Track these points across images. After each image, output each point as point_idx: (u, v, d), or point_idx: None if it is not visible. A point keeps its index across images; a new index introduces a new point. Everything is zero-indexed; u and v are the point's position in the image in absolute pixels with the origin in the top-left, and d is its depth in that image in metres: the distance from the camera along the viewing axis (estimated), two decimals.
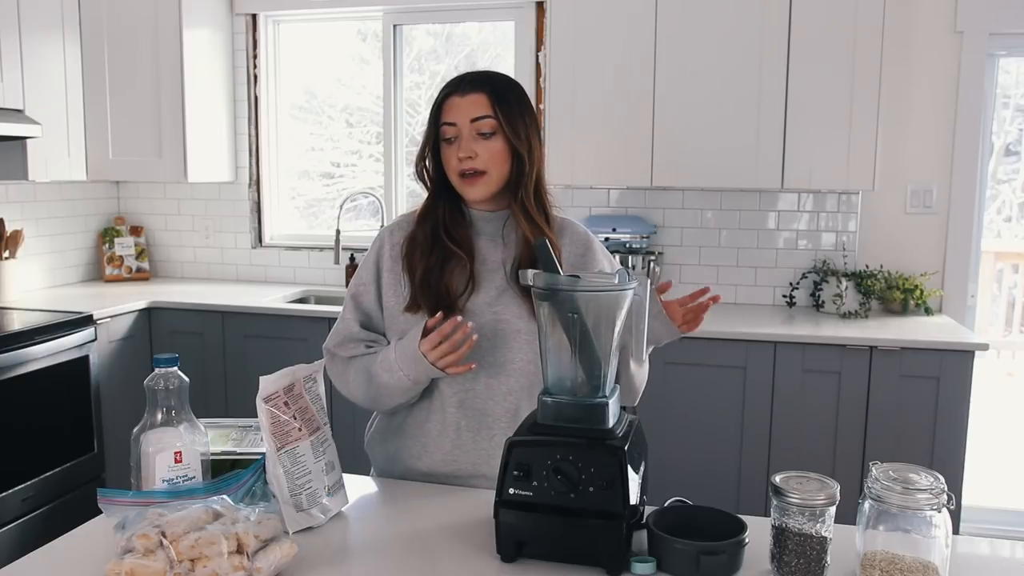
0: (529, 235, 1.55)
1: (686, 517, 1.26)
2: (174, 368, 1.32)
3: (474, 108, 1.52)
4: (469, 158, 1.52)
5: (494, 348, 1.55)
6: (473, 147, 1.52)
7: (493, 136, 1.52)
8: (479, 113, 1.52)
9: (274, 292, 3.72)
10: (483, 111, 1.52)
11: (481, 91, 1.53)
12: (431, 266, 1.56)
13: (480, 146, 1.52)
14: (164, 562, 1.07)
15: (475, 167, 1.53)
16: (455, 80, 1.56)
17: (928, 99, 3.29)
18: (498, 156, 1.53)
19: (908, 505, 1.11)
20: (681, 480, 2.93)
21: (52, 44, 3.38)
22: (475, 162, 1.52)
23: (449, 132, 1.54)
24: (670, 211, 3.54)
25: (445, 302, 1.54)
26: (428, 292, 1.55)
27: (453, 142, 1.54)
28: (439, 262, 1.56)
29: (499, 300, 1.56)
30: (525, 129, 1.55)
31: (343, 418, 3.07)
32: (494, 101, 1.52)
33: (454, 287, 1.55)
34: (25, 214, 3.65)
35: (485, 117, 1.52)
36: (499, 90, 1.54)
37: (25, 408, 2.86)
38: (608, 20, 3.14)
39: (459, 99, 1.53)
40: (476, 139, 1.52)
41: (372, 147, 4.04)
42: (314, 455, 1.35)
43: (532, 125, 1.57)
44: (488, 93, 1.53)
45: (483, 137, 1.52)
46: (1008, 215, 3.72)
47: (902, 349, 2.82)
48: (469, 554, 1.25)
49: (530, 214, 1.57)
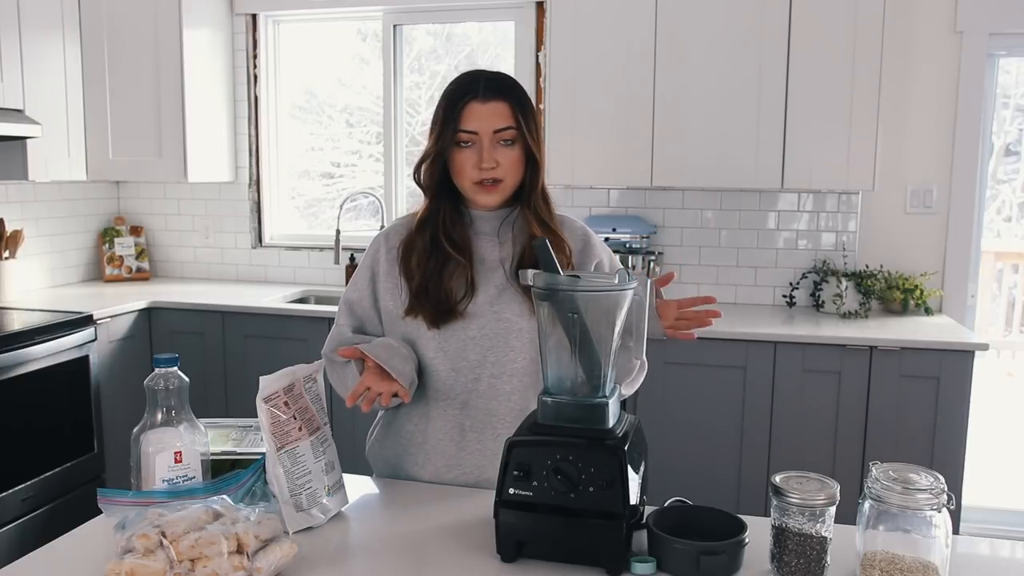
0: (539, 233, 1.55)
1: (686, 517, 1.26)
2: (174, 368, 1.32)
3: (497, 119, 1.50)
4: (492, 168, 1.51)
5: (496, 347, 1.54)
6: (496, 156, 1.51)
7: (513, 144, 1.52)
8: (503, 124, 1.50)
9: (274, 292, 3.72)
10: (507, 122, 1.50)
11: (503, 100, 1.51)
12: (429, 273, 1.55)
13: (500, 154, 1.51)
14: (164, 562, 1.07)
15: (496, 176, 1.52)
16: (470, 82, 1.53)
17: (928, 99, 3.29)
18: (516, 164, 1.53)
19: (908, 505, 1.11)
20: (681, 480, 2.93)
21: (52, 44, 3.38)
22: (496, 171, 1.52)
23: (467, 139, 1.51)
24: (670, 211, 3.54)
25: (445, 307, 1.54)
26: (426, 299, 1.55)
27: (469, 147, 1.52)
28: (437, 268, 1.55)
29: (499, 299, 1.55)
30: (537, 134, 1.56)
31: (343, 418, 3.07)
32: (517, 111, 1.51)
33: (453, 292, 1.55)
34: (25, 214, 3.65)
35: (508, 128, 1.51)
36: (519, 99, 1.53)
37: (25, 408, 2.86)
38: (608, 20, 3.14)
39: (480, 106, 1.50)
40: (496, 148, 1.51)
41: (372, 147, 4.05)
42: (314, 455, 1.35)
43: (539, 130, 1.58)
44: (510, 102, 1.51)
45: (503, 145, 1.51)
46: (1008, 215, 3.72)
47: (902, 349, 2.82)
48: (469, 554, 1.25)
49: (540, 214, 1.57)
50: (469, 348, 1.54)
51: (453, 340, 1.54)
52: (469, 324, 1.54)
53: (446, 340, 1.55)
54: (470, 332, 1.54)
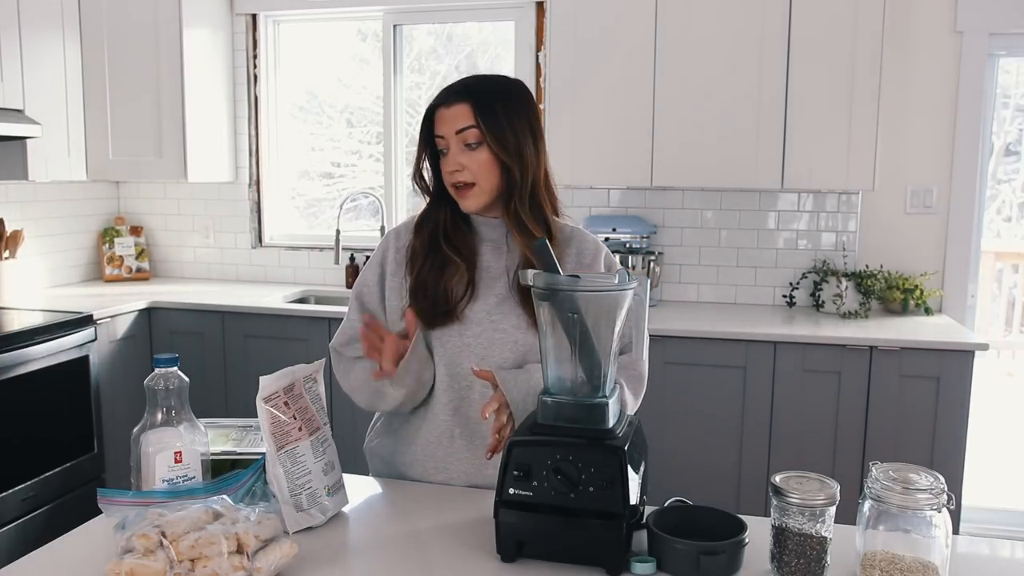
0: (522, 246, 1.53)
1: (686, 517, 1.26)
2: (174, 368, 1.32)
3: (458, 120, 1.50)
4: (457, 171, 1.51)
5: (491, 356, 1.53)
6: (460, 159, 1.50)
7: (479, 147, 1.50)
8: (462, 124, 1.49)
9: (274, 292, 3.72)
10: (466, 122, 1.49)
11: (464, 101, 1.50)
12: (426, 273, 1.55)
13: (466, 158, 1.50)
14: (164, 562, 1.07)
15: (463, 180, 1.52)
16: (443, 91, 1.54)
17: (928, 99, 3.29)
18: (485, 167, 1.51)
19: (908, 505, 1.11)
20: (681, 480, 2.93)
21: (52, 44, 3.38)
22: (463, 175, 1.51)
23: (440, 144, 1.53)
24: (670, 211, 3.54)
25: (443, 308, 1.53)
26: (422, 298, 1.54)
27: (445, 154, 1.53)
28: (435, 268, 1.55)
29: (498, 309, 1.54)
30: (515, 137, 1.51)
31: (343, 418, 3.07)
32: (476, 111, 1.49)
33: (452, 293, 1.55)
34: (25, 214, 3.65)
35: (468, 128, 1.49)
36: (483, 99, 1.50)
37: (25, 408, 2.86)
38: (608, 20, 3.14)
39: (445, 111, 1.51)
40: (463, 151, 1.50)
41: (372, 147, 4.04)
42: (314, 455, 1.35)
43: (524, 132, 1.52)
44: (471, 103, 1.50)
45: (469, 148, 1.50)
46: (1008, 215, 3.72)
47: (902, 349, 2.82)
48: (469, 554, 1.25)
49: (524, 224, 1.53)
50: (464, 355, 1.54)
51: (450, 345, 1.55)
52: (466, 331, 1.54)
53: (443, 345, 1.55)
54: (466, 339, 1.54)
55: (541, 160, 1.57)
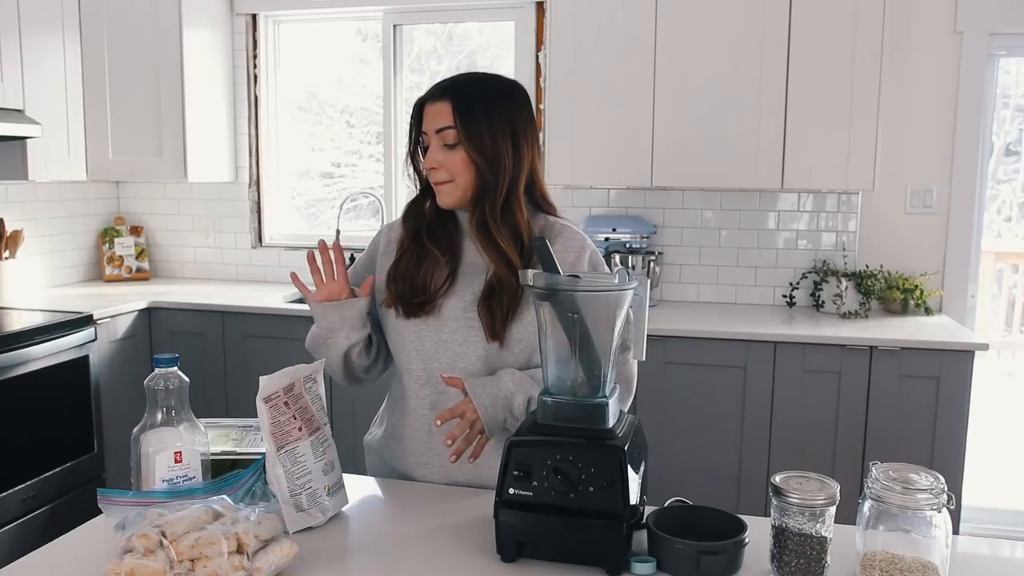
0: (481, 254, 1.53)
1: (686, 517, 1.26)
2: (174, 368, 1.32)
3: (438, 118, 1.50)
4: (434, 168, 1.52)
5: (465, 354, 1.53)
6: (438, 157, 1.51)
7: (457, 146, 1.50)
8: (441, 124, 1.49)
9: (274, 292, 3.72)
10: (445, 122, 1.49)
11: (446, 99, 1.50)
12: (404, 262, 1.57)
13: (444, 156, 1.50)
14: (164, 562, 1.07)
15: (439, 178, 1.52)
16: (433, 86, 1.55)
17: (928, 99, 3.29)
18: (460, 166, 1.50)
19: (908, 505, 1.11)
20: (681, 480, 2.93)
21: (52, 44, 3.38)
22: (440, 173, 1.52)
23: (425, 140, 1.54)
24: (670, 211, 3.54)
25: (420, 298, 1.54)
26: (399, 286, 1.56)
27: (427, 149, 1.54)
28: (413, 258, 1.57)
29: (474, 306, 1.53)
30: (492, 141, 1.49)
31: (343, 418, 3.08)
32: (456, 112, 1.49)
33: (431, 283, 1.55)
34: (25, 214, 3.65)
35: (447, 128, 1.49)
36: (465, 99, 1.49)
37: (25, 408, 2.86)
38: (608, 20, 3.14)
39: (429, 107, 1.52)
40: (441, 149, 1.50)
41: (372, 147, 4.04)
42: (314, 455, 1.35)
43: (503, 136, 1.50)
44: (453, 102, 1.49)
45: (448, 147, 1.50)
46: (1008, 215, 3.72)
47: (902, 349, 2.82)
48: (469, 554, 1.25)
49: (488, 230, 1.50)
50: (441, 352, 1.54)
51: (427, 341, 1.55)
52: (443, 327, 1.54)
53: (421, 340, 1.55)
54: (443, 335, 1.54)
55: (522, 166, 1.53)
